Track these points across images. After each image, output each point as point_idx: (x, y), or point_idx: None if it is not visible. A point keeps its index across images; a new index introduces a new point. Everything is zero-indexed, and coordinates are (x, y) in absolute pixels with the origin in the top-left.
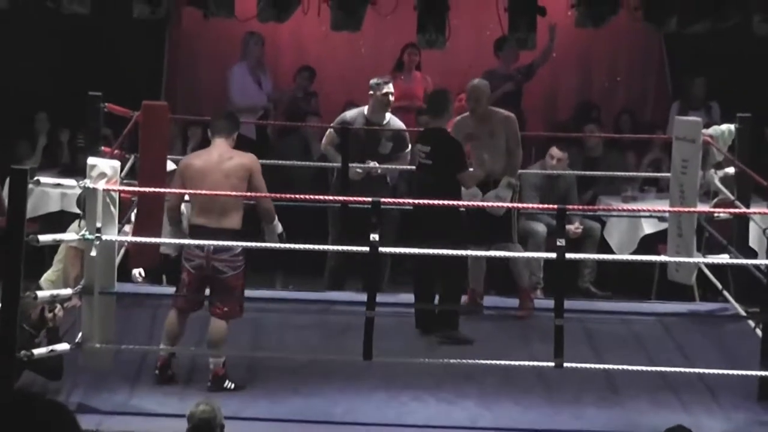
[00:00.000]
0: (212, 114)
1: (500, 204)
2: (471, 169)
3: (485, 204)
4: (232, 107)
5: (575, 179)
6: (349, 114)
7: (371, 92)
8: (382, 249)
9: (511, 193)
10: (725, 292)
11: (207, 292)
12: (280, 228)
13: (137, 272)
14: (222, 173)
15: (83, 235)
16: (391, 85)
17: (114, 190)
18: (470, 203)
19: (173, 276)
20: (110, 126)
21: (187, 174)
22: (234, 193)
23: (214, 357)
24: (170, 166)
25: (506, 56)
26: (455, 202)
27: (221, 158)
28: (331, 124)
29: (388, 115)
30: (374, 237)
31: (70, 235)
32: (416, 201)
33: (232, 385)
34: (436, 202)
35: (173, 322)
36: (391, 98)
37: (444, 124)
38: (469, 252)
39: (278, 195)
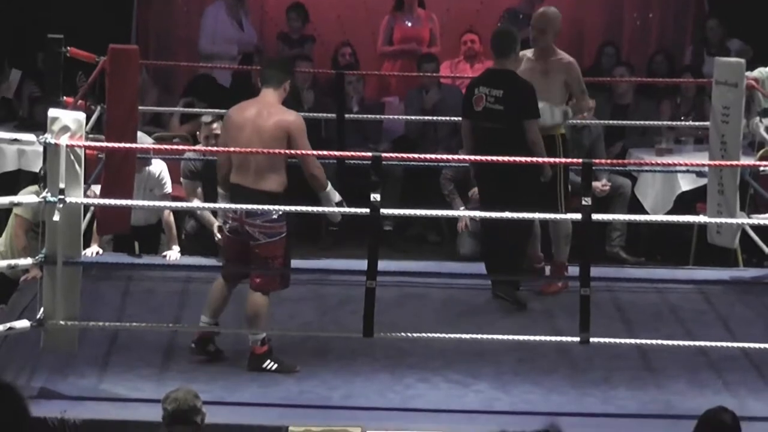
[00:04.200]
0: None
1: None
2: None
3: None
4: (201, 54)
5: (602, 130)
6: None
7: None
8: (384, 211)
9: (561, 119)
10: None
11: None
12: (336, 197)
13: (92, 251)
14: (255, 130)
15: (45, 197)
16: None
17: (78, 146)
18: (539, 159)
19: (147, 243)
20: (70, 74)
21: (226, 126)
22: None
23: (252, 334)
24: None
25: None
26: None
27: (259, 113)
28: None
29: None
30: (375, 197)
31: (29, 198)
32: (421, 156)
33: (273, 366)
34: (450, 156)
35: (216, 291)
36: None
37: (511, 66)
38: (494, 213)
39: (265, 150)
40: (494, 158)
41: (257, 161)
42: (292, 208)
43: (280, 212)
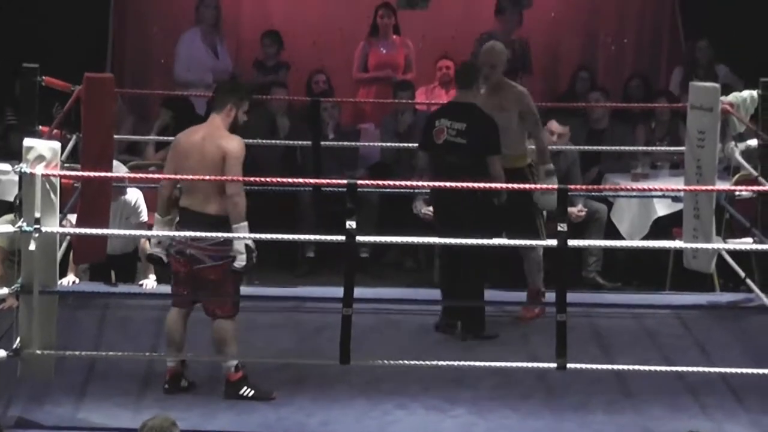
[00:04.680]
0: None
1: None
2: None
3: (536, 187)
4: (176, 82)
5: (578, 155)
6: None
7: None
8: (360, 238)
9: (556, 181)
10: (749, 281)
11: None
12: (247, 239)
13: (68, 280)
14: (200, 153)
15: (20, 226)
16: None
17: (54, 176)
18: (516, 186)
19: (123, 272)
20: (47, 103)
21: (174, 150)
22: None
23: (224, 361)
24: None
25: (507, 20)
26: (499, 185)
27: (204, 138)
28: None
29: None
30: (350, 224)
31: (4, 227)
32: (397, 183)
33: (250, 392)
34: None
35: (172, 322)
36: None
37: (473, 99)
38: (466, 241)
39: (241, 178)
40: (468, 185)
41: (203, 185)
42: (268, 236)
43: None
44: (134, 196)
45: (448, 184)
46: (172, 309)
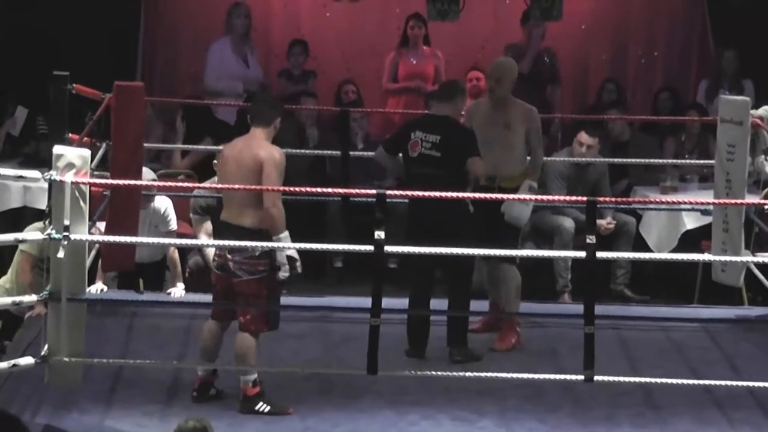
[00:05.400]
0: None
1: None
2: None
3: (505, 197)
4: (206, 91)
5: (607, 168)
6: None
7: None
8: (388, 248)
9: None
10: None
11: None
12: (289, 249)
13: (97, 288)
14: (236, 165)
15: (49, 234)
16: None
17: (84, 183)
18: (485, 195)
19: (151, 280)
20: (78, 111)
21: (219, 163)
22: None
23: (242, 374)
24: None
25: (529, 31)
26: (473, 195)
27: (242, 149)
28: None
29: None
30: (379, 235)
31: (34, 234)
32: (430, 194)
33: (266, 408)
34: (448, 194)
35: (207, 335)
36: None
37: (449, 112)
38: (480, 251)
39: (271, 188)
40: (495, 195)
41: (237, 197)
42: (295, 245)
43: (263, 249)
44: (163, 204)
45: (467, 195)
46: (209, 320)
